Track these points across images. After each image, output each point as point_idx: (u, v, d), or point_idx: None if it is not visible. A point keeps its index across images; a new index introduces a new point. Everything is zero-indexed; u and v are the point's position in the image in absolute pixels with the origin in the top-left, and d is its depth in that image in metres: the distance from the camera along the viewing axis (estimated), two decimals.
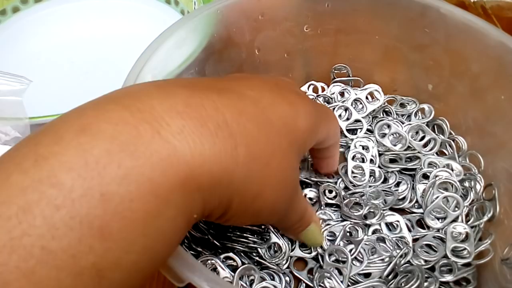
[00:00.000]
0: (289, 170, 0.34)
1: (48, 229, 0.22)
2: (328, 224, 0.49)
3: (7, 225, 0.21)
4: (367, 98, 0.60)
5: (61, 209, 0.22)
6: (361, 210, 0.49)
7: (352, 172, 0.53)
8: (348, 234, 0.48)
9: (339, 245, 0.47)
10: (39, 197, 0.22)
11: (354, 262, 0.46)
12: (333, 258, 0.46)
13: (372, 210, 0.49)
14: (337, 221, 0.49)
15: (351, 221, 0.48)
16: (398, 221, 0.49)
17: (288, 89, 0.37)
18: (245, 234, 0.47)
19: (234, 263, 0.45)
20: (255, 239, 0.47)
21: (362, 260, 0.45)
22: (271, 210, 0.34)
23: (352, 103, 0.59)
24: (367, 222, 0.48)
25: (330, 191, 0.51)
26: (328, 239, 0.48)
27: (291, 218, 0.40)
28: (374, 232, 0.48)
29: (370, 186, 0.52)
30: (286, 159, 0.33)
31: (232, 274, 0.42)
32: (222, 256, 0.45)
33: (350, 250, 0.46)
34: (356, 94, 0.59)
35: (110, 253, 0.23)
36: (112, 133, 0.24)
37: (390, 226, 0.50)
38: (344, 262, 0.45)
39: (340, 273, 0.45)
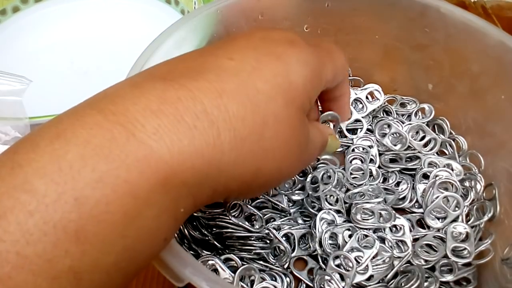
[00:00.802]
0: (289, 133, 0.32)
1: (22, 234, 0.22)
2: (330, 225, 0.48)
3: None
4: (367, 97, 0.60)
5: (34, 214, 0.22)
6: (371, 216, 0.49)
7: (351, 174, 0.53)
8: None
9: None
10: (13, 204, 0.22)
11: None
12: (337, 262, 0.45)
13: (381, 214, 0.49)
14: (342, 224, 0.48)
15: (361, 229, 0.48)
16: (402, 225, 0.49)
17: (277, 40, 0.34)
18: (249, 241, 0.47)
19: (235, 264, 0.45)
20: (261, 245, 0.46)
21: (367, 269, 0.45)
22: (279, 176, 0.33)
23: (352, 103, 0.59)
24: (380, 233, 0.48)
25: (331, 196, 0.51)
26: (330, 244, 0.47)
27: (309, 162, 0.40)
28: (375, 231, 0.48)
29: (371, 185, 0.52)
30: (283, 124, 0.31)
31: (232, 274, 0.42)
32: (222, 258, 0.45)
33: (354, 257, 0.45)
34: (356, 94, 0.59)
35: (87, 255, 0.23)
36: (86, 138, 0.24)
37: (392, 227, 0.50)
38: (347, 270, 0.45)
39: (342, 278, 0.45)
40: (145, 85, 0.28)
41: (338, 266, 0.45)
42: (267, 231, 0.47)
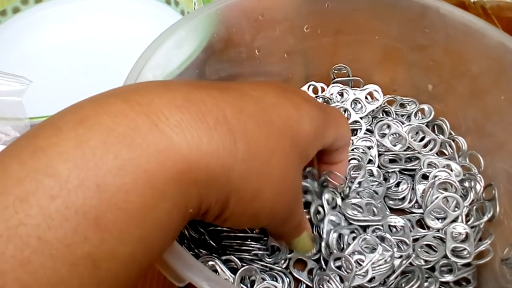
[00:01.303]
0: (290, 172, 0.34)
1: (44, 219, 0.22)
2: (337, 226, 0.48)
3: (4, 214, 0.21)
4: (366, 98, 0.60)
5: (56, 199, 0.22)
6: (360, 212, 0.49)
7: (350, 175, 0.53)
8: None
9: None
10: (36, 187, 0.22)
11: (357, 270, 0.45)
12: (337, 264, 0.45)
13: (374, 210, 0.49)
14: (347, 227, 0.48)
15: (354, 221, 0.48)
16: (402, 227, 0.49)
17: (294, 93, 0.37)
18: (247, 242, 0.47)
19: (234, 265, 0.45)
20: (259, 245, 0.46)
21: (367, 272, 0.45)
22: (270, 212, 0.34)
23: (351, 103, 0.59)
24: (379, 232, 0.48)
25: (333, 199, 0.51)
26: (335, 249, 0.47)
27: (289, 224, 0.40)
28: (374, 231, 0.48)
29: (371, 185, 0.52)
30: (287, 160, 0.33)
31: (232, 276, 0.42)
32: (223, 259, 0.45)
33: (356, 260, 0.45)
34: (355, 95, 0.59)
35: (106, 243, 0.23)
36: (110, 125, 0.25)
37: (391, 227, 0.50)
38: (347, 272, 0.45)
39: (341, 280, 0.45)
40: (170, 85, 0.29)
41: (338, 267, 0.45)
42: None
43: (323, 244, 0.47)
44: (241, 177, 0.29)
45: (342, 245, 0.47)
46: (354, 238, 0.47)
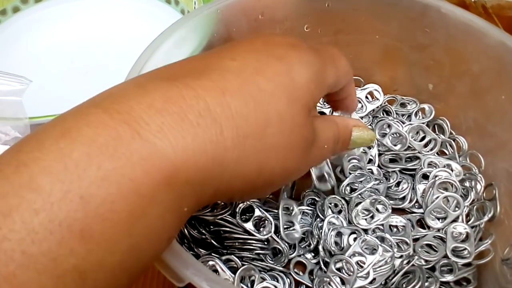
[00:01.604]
0: (292, 130, 0.32)
1: (28, 233, 0.22)
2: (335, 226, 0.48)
3: None
4: (367, 97, 0.60)
5: (40, 213, 0.22)
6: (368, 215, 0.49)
7: (350, 173, 0.53)
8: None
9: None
10: (19, 202, 0.22)
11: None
12: (338, 266, 0.45)
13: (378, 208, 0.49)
14: (348, 227, 0.48)
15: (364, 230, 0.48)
16: (404, 226, 0.49)
17: (279, 43, 0.34)
18: (249, 241, 0.46)
19: (235, 265, 0.45)
20: (261, 245, 0.47)
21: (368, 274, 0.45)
22: (284, 174, 0.33)
23: None
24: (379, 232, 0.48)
25: (336, 205, 0.51)
26: (334, 242, 0.47)
27: (322, 156, 0.38)
28: (374, 230, 0.48)
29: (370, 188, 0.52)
30: (286, 121, 0.31)
31: (233, 275, 0.42)
32: (223, 258, 0.45)
33: (357, 262, 0.45)
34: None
35: (93, 255, 0.23)
36: (92, 136, 0.24)
37: (392, 227, 0.50)
38: (349, 275, 0.44)
39: (342, 282, 0.45)
40: (149, 85, 0.28)
41: (339, 269, 0.45)
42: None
43: (320, 247, 0.47)
44: (236, 163, 0.29)
45: (341, 245, 0.47)
46: (355, 239, 0.47)
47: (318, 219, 0.49)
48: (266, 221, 0.47)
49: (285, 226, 0.48)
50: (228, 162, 0.28)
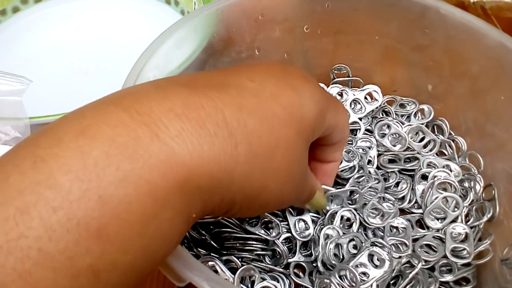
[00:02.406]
0: (295, 160, 0.34)
1: (45, 230, 0.22)
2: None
3: (4, 226, 0.21)
4: (366, 98, 0.60)
5: (58, 211, 0.22)
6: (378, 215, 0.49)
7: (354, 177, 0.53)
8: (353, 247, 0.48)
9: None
10: (37, 199, 0.22)
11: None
12: (341, 273, 0.45)
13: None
14: (346, 235, 0.48)
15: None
16: (404, 228, 0.49)
17: (294, 74, 0.36)
18: (249, 242, 0.47)
19: (234, 265, 0.45)
20: (261, 245, 0.47)
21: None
22: (278, 200, 0.34)
23: (350, 104, 0.59)
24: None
25: (348, 219, 0.50)
26: (333, 260, 0.47)
27: (300, 199, 0.41)
28: (373, 232, 0.49)
29: (370, 188, 0.52)
30: (292, 150, 0.33)
31: (232, 276, 0.42)
32: (223, 259, 0.45)
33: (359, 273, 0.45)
34: (354, 95, 0.59)
35: (107, 254, 0.23)
36: (111, 135, 0.24)
37: (392, 227, 0.50)
38: (352, 286, 0.44)
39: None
40: (169, 89, 0.28)
41: (340, 277, 0.45)
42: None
43: (318, 261, 0.46)
44: (244, 178, 0.29)
45: (340, 256, 0.47)
46: (355, 247, 0.47)
47: (320, 223, 0.50)
48: (273, 223, 0.47)
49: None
50: (237, 176, 0.29)
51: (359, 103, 0.59)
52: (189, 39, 0.50)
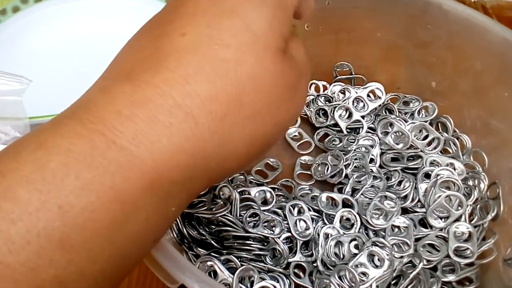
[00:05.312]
0: (273, 84, 0.30)
1: (4, 242, 0.21)
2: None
3: None
4: (369, 96, 0.59)
5: (17, 222, 0.22)
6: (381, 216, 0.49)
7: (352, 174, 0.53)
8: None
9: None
10: None
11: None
12: (340, 273, 0.45)
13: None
14: (348, 234, 0.48)
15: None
16: (406, 227, 0.48)
17: None
18: (247, 242, 0.46)
19: (234, 265, 0.45)
20: (260, 246, 0.46)
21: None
22: (279, 127, 0.31)
23: (353, 101, 0.59)
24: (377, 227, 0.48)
25: (348, 219, 0.50)
26: (334, 258, 0.46)
27: (305, 86, 0.35)
28: (375, 232, 0.48)
29: (372, 186, 0.52)
30: (261, 79, 0.29)
31: (231, 275, 0.42)
32: (222, 259, 0.44)
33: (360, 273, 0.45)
34: (357, 93, 0.59)
35: (73, 264, 0.23)
36: (68, 147, 0.24)
37: (394, 227, 0.49)
38: (351, 286, 0.44)
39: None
40: (113, 90, 0.27)
41: (340, 278, 0.44)
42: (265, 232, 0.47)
43: (318, 260, 0.46)
44: (219, 147, 0.28)
45: (341, 255, 0.46)
46: (356, 246, 0.47)
47: (321, 222, 0.49)
48: (275, 221, 0.47)
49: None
50: (210, 151, 0.27)
51: (362, 101, 0.59)
52: None
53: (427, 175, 0.52)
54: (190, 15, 0.29)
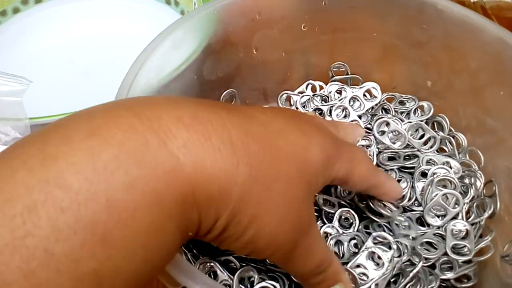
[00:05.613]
0: (294, 199, 0.32)
1: (53, 231, 0.22)
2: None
3: (10, 223, 0.21)
4: (365, 96, 0.60)
5: (66, 211, 0.22)
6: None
7: None
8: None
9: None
10: (45, 198, 0.22)
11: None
12: None
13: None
14: (347, 233, 0.48)
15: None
16: (407, 225, 0.49)
17: (305, 120, 0.36)
18: None
19: (234, 266, 0.45)
20: None
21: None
22: (269, 240, 0.32)
23: (349, 101, 0.59)
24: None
25: (346, 219, 0.50)
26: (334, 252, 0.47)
27: (304, 262, 0.36)
28: (375, 227, 0.49)
29: None
30: (292, 187, 0.32)
31: (231, 276, 0.42)
32: (222, 259, 0.45)
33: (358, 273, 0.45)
34: (353, 92, 0.59)
35: (111, 261, 0.23)
36: (121, 139, 0.24)
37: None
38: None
39: None
40: (179, 100, 0.29)
41: None
42: None
43: None
44: (239, 200, 0.29)
45: (341, 254, 0.47)
46: (355, 245, 0.47)
47: (320, 222, 0.50)
48: None
49: None
50: (233, 197, 0.28)
51: (358, 100, 0.59)
52: (187, 39, 0.50)
53: (424, 174, 0.53)
54: (274, 111, 0.35)
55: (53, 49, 0.78)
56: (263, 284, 0.43)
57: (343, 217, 0.49)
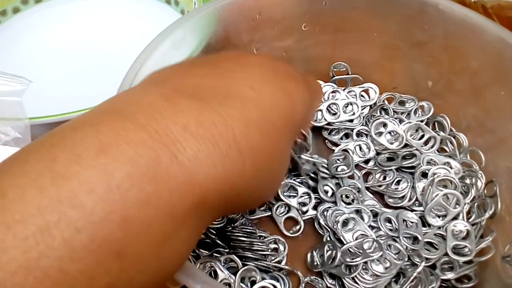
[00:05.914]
0: (284, 166, 0.35)
1: (67, 251, 0.21)
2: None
3: (23, 245, 0.21)
4: (363, 96, 0.60)
5: (81, 231, 0.22)
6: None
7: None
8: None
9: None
10: (59, 218, 0.22)
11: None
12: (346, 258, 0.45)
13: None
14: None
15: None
16: (415, 222, 0.49)
17: (285, 76, 0.36)
18: (248, 241, 0.47)
19: (235, 265, 0.45)
20: (265, 246, 0.47)
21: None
22: (265, 197, 0.37)
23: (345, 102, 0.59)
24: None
25: (347, 196, 0.51)
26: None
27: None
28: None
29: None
30: (283, 158, 0.34)
31: (232, 276, 0.42)
32: (222, 259, 0.45)
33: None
34: (346, 96, 0.59)
35: (125, 274, 0.23)
36: (133, 156, 0.24)
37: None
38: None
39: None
40: (179, 102, 0.28)
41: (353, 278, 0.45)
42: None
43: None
44: (249, 192, 0.30)
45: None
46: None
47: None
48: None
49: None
50: (242, 191, 0.29)
51: (354, 103, 0.59)
52: (187, 39, 0.50)
53: (424, 174, 0.53)
54: (257, 76, 0.34)
55: (53, 49, 0.78)
56: (263, 283, 0.43)
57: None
